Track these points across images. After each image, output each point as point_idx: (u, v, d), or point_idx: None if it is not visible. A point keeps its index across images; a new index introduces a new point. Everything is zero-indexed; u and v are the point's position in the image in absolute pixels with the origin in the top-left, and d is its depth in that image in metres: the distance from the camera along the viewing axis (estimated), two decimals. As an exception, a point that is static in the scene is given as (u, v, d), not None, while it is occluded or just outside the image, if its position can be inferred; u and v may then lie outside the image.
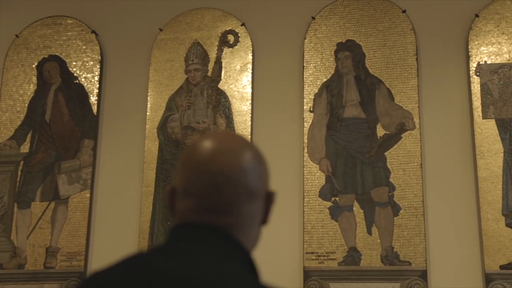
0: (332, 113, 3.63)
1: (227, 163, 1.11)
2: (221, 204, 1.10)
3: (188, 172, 1.11)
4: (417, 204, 3.41)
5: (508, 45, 3.60)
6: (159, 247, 1.12)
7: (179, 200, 1.12)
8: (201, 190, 1.10)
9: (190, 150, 1.16)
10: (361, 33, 3.75)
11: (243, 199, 1.11)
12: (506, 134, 3.45)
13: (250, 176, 1.12)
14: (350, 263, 3.40)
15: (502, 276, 3.26)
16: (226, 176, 1.10)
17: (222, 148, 1.12)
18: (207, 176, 1.09)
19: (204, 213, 1.09)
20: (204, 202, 1.09)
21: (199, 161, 1.11)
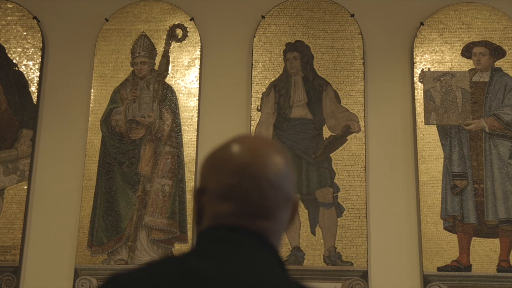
0: (280, 112, 3.65)
1: (271, 168, 1.10)
2: (262, 209, 1.08)
3: (227, 176, 1.09)
4: (360, 206, 3.47)
5: (450, 54, 3.71)
6: (197, 250, 1.09)
7: (213, 202, 1.10)
8: (244, 194, 1.08)
9: (225, 152, 1.12)
10: (310, 35, 3.78)
11: (281, 205, 1.11)
12: (447, 140, 3.56)
13: (287, 182, 1.12)
14: (293, 263, 3.42)
15: (439, 277, 3.36)
16: (270, 181, 1.09)
17: (263, 153, 1.11)
18: (251, 181, 1.08)
19: (244, 217, 1.08)
20: (245, 206, 1.08)
21: (242, 165, 1.09)
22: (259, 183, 1.08)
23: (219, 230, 1.08)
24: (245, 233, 1.07)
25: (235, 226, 1.07)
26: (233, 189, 1.08)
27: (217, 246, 1.06)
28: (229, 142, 1.14)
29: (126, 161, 3.64)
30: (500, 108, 3.61)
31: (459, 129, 3.58)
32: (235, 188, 1.08)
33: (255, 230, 1.07)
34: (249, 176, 1.08)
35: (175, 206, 3.55)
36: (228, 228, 1.07)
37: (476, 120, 3.59)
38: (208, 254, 1.05)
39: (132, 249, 3.51)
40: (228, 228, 1.07)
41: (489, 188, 3.48)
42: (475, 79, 3.67)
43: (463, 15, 3.79)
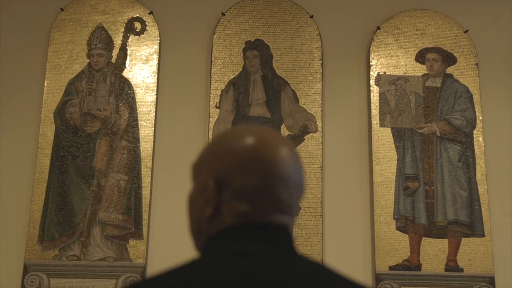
0: (238, 110, 3.66)
1: (295, 168, 1.12)
2: (288, 206, 1.10)
3: (254, 175, 1.08)
4: (316, 205, 3.52)
5: (405, 59, 3.81)
6: (237, 250, 1.05)
7: (238, 200, 1.08)
8: (272, 193, 1.09)
9: (248, 150, 1.10)
10: (270, 34, 3.80)
11: (299, 200, 1.15)
12: (400, 143, 3.66)
13: (304, 178, 1.16)
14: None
15: (391, 276, 3.45)
16: (295, 180, 1.12)
17: (286, 151, 1.12)
18: (279, 181, 1.09)
19: (273, 215, 1.09)
20: (273, 204, 1.09)
21: (270, 165, 1.09)
22: (286, 182, 1.10)
23: (251, 229, 1.08)
24: (276, 231, 1.08)
25: (264, 224, 1.08)
26: (262, 189, 1.09)
27: (258, 246, 1.06)
28: (248, 137, 1.12)
29: (80, 155, 3.56)
30: (451, 113, 3.73)
31: (412, 132, 3.68)
32: (264, 187, 1.09)
33: (283, 227, 1.09)
34: (277, 176, 1.09)
35: (131, 202, 3.50)
36: (259, 226, 1.08)
37: (428, 124, 3.70)
38: (255, 254, 1.04)
39: (85, 245, 3.44)
40: (259, 226, 1.08)
41: (439, 190, 3.60)
42: (428, 84, 3.79)
43: (417, 21, 3.89)
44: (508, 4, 3.97)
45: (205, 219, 1.11)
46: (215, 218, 1.11)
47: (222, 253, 1.06)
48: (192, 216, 1.16)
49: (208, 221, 1.11)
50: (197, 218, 1.14)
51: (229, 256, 1.05)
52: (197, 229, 1.15)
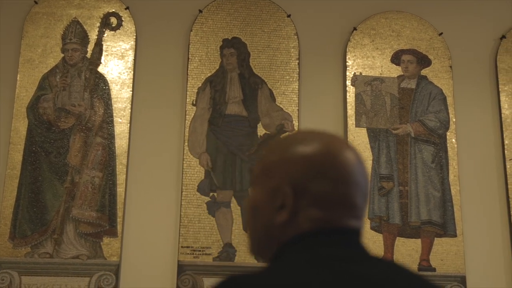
0: (215, 108, 3.64)
1: (364, 174, 1.14)
2: (360, 210, 1.12)
3: (334, 183, 1.09)
4: (291, 204, 3.52)
5: (380, 60, 3.85)
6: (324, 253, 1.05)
7: (317, 207, 1.08)
8: (352, 201, 1.10)
9: (325, 156, 1.10)
10: (247, 32, 3.79)
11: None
12: (376, 143, 3.69)
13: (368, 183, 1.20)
14: (225, 259, 3.43)
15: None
16: (365, 185, 1.14)
17: (359, 159, 1.14)
18: (360, 188, 1.11)
19: (352, 220, 1.10)
20: (352, 211, 1.10)
21: (349, 173, 1.10)
22: (359, 188, 1.11)
23: (334, 234, 1.08)
24: (353, 235, 1.10)
25: (343, 229, 1.09)
26: (339, 195, 1.09)
27: (344, 250, 1.06)
28: (321, 142, 1.12)
29: (53, 151, 3.50)
30: (425, 115, 3.78)
31: (387, 132, 3.72)
32: (341, 193, 1.09)
33: (357, 231, 1.11)
34: (353, 182, 1.10)
35: (105, 199, 3.46)
36: (339, 231, 1.08)
37: (403, 125, 3.74)
38: (344, 258, 1.05)
39: (58, 242, 3.39)
40: (339, 231, 1.08)
41: (413, 191, 3.64)
42: (403, 85, 3.82)
43: (393, 23, 3.93)
44: (481, 8, 4.03)
45: (278, 225, 1.09)
46: (289, 223, 1.09)
47: (311, 257, 1.04)
48: (258, 222, 1.13)
49: (281, 227, 1.09)
50: (266, 225, 1.11)
51: (321, 259, 1.04)
52: (264, 236, 1.12)
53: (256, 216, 1.14)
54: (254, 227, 1.15)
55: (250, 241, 1.17)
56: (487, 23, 4.01)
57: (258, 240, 1.14)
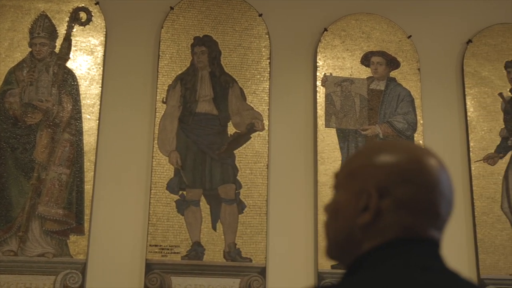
0: (185, 106, 3.62)
1: (451, 185, 1.15)
2: (443, 222, 1.13)
3: (421, 189, 1.10)
4: (261, 203, 3.53)
5: (351, 61, 3.87)
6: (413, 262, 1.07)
7: (402, 212, 1.09)
8: (437, 210, 1.11)
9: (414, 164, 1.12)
10: (218, 31, 3.78)
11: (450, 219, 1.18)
12: (345, 143, 3.72)
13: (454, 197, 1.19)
14: (194, 258, 3.41)
15: (333, 275, 3.50)
16: (451, 197, 1.14)
17: (445, 169, 1.14)
18: (443, 197, 1.11)
19: (434, 230, 1.11)
20: (435, 220, 1.11)
21: (436, 181, 1.11)
22: (445, 199, 1.12)
23: (421, 243, 1.09)
24: (437, 246, 1.11)
25: (427, 239, 1.10)
26: (425, 203, 1.10)
27: (431, 260, 1.08)
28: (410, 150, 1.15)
29: (19, 147, 3.44)
30: (393, 116, 3.82)
31: (356, 133, 3.75)
32: (427, 202, 1.10)
33: (439, 243, 1.12)
34: (439, 191, 1.11)
35: (72, 196, 3.40)
36: (425, 240, 1.09)
37: (372, 126, 3.78)
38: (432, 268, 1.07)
39: (23, 240, 3.32)
40: (424, 240, 1.09)
41: (381, 191, 3.67)
42: (372, 86, 3.86)
43: (363, 25, 3.96)
44: (449, 12, 4.09)
45: (360, 227, 1.10)
46: (372, 226, 1.10)
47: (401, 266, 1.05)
48: (339, 224, 1.14)
49: (364, 229, 1.10)
50: (348, 227, 1.12)
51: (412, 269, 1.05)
52: (346, 238, 1.13)
53: (338, 218, 1.15)
54: (335, 229, 1.15)
55: (329, 244, 1.17)
56: (454, 27, 4.08)
57: (337, 242, 1.15)
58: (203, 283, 3.37)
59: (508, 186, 3.83)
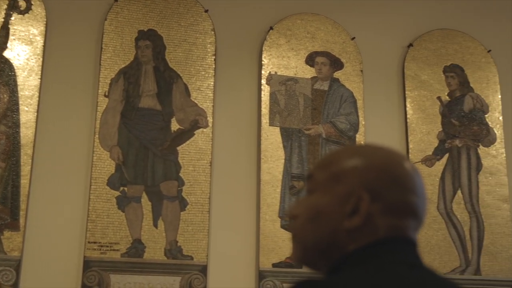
0: (128, 101, 3.55)
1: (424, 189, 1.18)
2: (421, 224, 1.15)
3: (407, 193, 1.11)
4: (203, 201, 3.49)
5: (295, 61, 3.89)
6: (402, 260, 1.08)
7: (390, 215, 1.09)
8: (422, 212, 1.13)
9: (398, 167, 1.13)
10: (163, 25, 3.72)
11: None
12: (288, 142, 3.73)
13: None
14: (134, 255, 3.35)
15: (274, 273, 3.50)
16: (426, 201, 1.18)
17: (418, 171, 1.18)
18: (423, 200, 1.14)
19: (415, 232, 1.13)
20: (417, 222, 1.13)
21: (419, 185, 1.13)
22: (425, 202, 1.15)
23: (407, 243, 1.10)
24: (417, 247, 1.13)
25: (411, 240, 1.11)
26: (411, 206, 1.11)
27: (418, 259, 1.10)
28: (397, 155, 1.16)
29: (-48, 138, 3.29)
30: (336, 117, 3.85)
31: (300, 132, 3.76)
32: (413, 205, 1.11)
33: (417, 244, 1.14)
34: (423, 195, 1.14)
35: (7, 191, 3.28)
36: (410, 241, 1.11)
37: (315, 125, 3.80)
38: (420, 266, 1.09)
39: (-47, 236, 3.18)
40: (409, 241, 1.11)
41: (322, 191, 3.69)
42: (316, 86, 3.89)
43: (308, 25, 3.98)
44: (391, 16, 4.16)
45: (346, 231, 1.08)
46: (360, 229, 1.08)
47: (390, 262, 1.06)
48: (321, 229, 1.10)
49: (351, 233, 1.08)
50: (331, 231, 1.09)
51: (401, 266, 1.06)
52: (328, 243, 1.10)
53: (318, 221, 1.11)
54: (313, 233, 1.12)
55: (302, 247, 1.14)
56: (396, 30, 4.15)
57: (316, 246, 1.11)
58: (143, 281, 3.31)
59: (445, 187, 3.93)
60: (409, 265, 1.06)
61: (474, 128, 4.08)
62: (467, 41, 4.25)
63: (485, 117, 4.12)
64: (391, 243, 1.08)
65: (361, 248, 1.07)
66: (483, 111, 4.14)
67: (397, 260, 1.06)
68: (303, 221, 1.13)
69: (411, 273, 1.04)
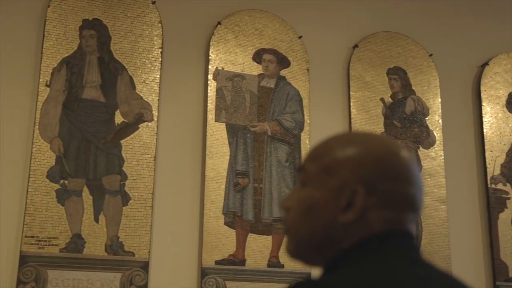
0: (71, 91, 3.44)
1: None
2: (418, 215, 1.12)
3: (404, 185, 1.07)
4: (146, 196, 3.42)
5: (243, 57, 3.86)
6: (407, 256, 1.05)
7: (386, 208, 1.05)
8: (418, 205, 1.10)
9: (395, 159, 1.09)
10: (109, 15, 3.63)
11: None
12: (234, 139, 3.70)
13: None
14: (73, 251, 3.24)
15: (216, 270, 3.47)
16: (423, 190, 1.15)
17: (415, 159, 1.14)
18: (420, 191, 1.11)
19: (411, 224, 1.09)
20: (414, 214, 1.09)
21: (415, 176, 1.10)
22: (422, 193, 1.11)
23: (404, 236, 1.07)
24: (414, 239, 1.10)
25: (409, 232, 1.08)
26: (408, 198, 1.08)
27: (416, 253, 1.07)
28: (392, 144, 1.11)
29: None
30: (282, 115, 3.85)
31: (246, 129, 3.74)
32: (410, 197, 1.08)
33: (414, 235, 1.11)
34: (420, 185, 1.11)
35: None
36: (407, 234, 1.08)
37: (261, 123, 3.79)
38: (418, 261, 1.06)
39: None
40: (407, 234, 1.08)
41: (267, 188, 3.69)
42: (263, 84, 3.87)
43: (256, 21, 3.97)
44: (337, 17, 4.19)
45: (341, 225, 1.04)
46: (355, 224, 1.04)
47: (392, 258, 1.03)
48: (315, 223, 1.07)
49: (346, 227, 1.04)
50: (326, 225, 1.05)
51: (403, 261, 1.03)
52: (322, 237, 1.06)
53: (311, 215, 1.07)
54: (307, 228, 1.08)
55: (295, 241, 1.10)
56: (342, 31, 4.19)
57: (310, 241, 1.08)
58: (82, 277, 3.22)
59: (386, 187, 3.98)
60: (411, 260, 1.04)
61: (415, 130, 4.16)
62: (410, 44, 4.33)
63: (425, 119, 4.21)
64: (389, 237, 1.05)
65: (359, 243, 1.04)
66: (424, 114, 4.22)
67: (398, 255, 1.04)
68: (296, 214, 1.10)
69: (414, 269, 1.02)
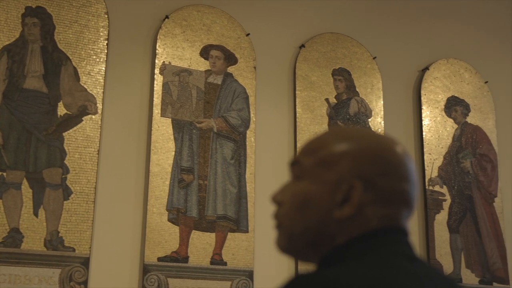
0: (11, 80, 3.32)
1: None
2: (413, 212, 1.11)
3: (401, 181, 1.07)
4: (89, 190, 3.34)
5: (190, 52, 3.82)
6: (399, 251, 1.05)
7: (383, 204, 1.05)
8: (413, 201, 1.10)
9: (392, 155, 1.08)
10: (53, 3, 3.52)
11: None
12: (179, 135, 3.66)
13: None
14: (10, 245, 3.13)
15: (159, 267, 3.42)
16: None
17: (409, 155, 1.13)
18: (414, 187, 1.10)
19: (406, 220, 1.09)
20: (409, 210, 1.09)
21: (411, 172, 1.09)
22: (416, 189, 1.11)
23: (400, 233, 1.07)
24: (408, 236, 1.09)
25: (405, 229, 1.08)
26: (403, 194, 1.07)
27: (412, 250, 1.07)
28: (388, 140, 1.10)
29: None
30: (228, 112, 3.83)
31: (192, 125, 3.70)
32: (405, 193, 1.08)
33: (408, 232, 1.11)
34: (415, 181, 1.10)
35: None
36: (403, 231, 1.08)
37: (207, 119, 3.76)
38: (415, 257, 1.06)
39: None
40: (402, 231, 1.08)
41: (211, 185, 3.67)
42: (210, 80, 3.84)
43: (204, 17, 3.93)
44: (285, 16, 4.21)
45: (336, 220, 1.03)
46: (351, 219, 1.03)
47: (389, 255, 1.02)
48: (309, 217, 1.05)
49: (342, 222, 1.03)
50: (320, 220, 1.04)
51: (400, 258, 1.03)
52: (317, 232, 1.04)
53: (306, 210, 1.06)
54: (301, 222, 1.06)
55: (287, 236, 1.08)
56: (290, 30, 4.20)
57: (304, 236, 1.06)
58: (19, 273, 3.11)
59: (329, 187, 4.02)
60: (407, 257, 1.04)
61: (358, 131, 4.22)
62: (354, 46, 4.39)
63: (368, 121, 4.27)
64: (385, 234, 1.05)
65: (355, 239, 1.03)
66: (367, 115, 4.29)
67: (395, 252, 1.04)
68: (289, 209, 1.08)
69: (411, 266, 1.02)
